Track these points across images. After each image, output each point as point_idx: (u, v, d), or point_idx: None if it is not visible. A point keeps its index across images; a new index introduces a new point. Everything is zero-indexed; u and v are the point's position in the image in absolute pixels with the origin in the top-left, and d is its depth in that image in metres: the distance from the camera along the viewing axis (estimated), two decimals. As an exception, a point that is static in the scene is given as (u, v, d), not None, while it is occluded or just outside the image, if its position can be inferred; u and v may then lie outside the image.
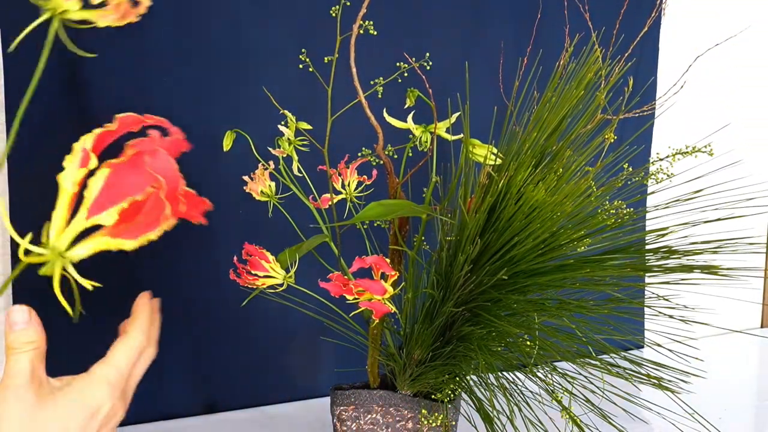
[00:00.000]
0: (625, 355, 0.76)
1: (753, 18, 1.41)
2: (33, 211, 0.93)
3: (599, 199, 0.73)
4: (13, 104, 0.90)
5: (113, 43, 0.93)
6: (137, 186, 0.37)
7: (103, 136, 0.41)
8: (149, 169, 0.37)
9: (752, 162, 1.06)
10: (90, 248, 0.43)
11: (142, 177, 0.37)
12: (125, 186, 0.37)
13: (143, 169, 0.37)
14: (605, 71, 0.73)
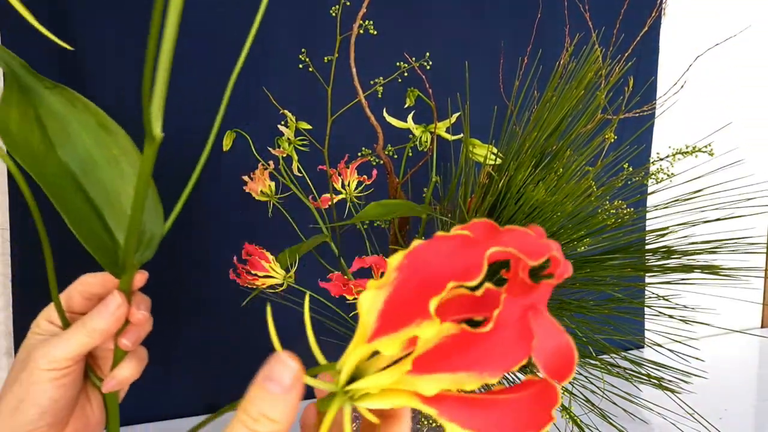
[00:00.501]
0: (626, 355, 0.76)
1: (753, 18, 1.41)
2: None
3: (599, 198, 0.73)
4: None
5: (113, 43, 0.93)
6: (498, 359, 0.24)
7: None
8: (535, 345, 0.24)
9: (753, 162, 1.06)
10: None
11: (513, 349, 0.23)
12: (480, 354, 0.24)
13: (519, 339, 0.24)
14: (605, 71, 0.73)
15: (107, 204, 0.43)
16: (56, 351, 0.41)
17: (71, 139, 0.43)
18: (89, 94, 0.95)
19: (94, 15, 0.91)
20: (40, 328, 0.45)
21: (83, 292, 0.47)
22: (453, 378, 0.24)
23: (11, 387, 0.41)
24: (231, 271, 0.76)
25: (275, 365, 0.31)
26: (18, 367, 0.41)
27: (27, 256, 0.93)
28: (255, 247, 0.75)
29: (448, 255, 0.25)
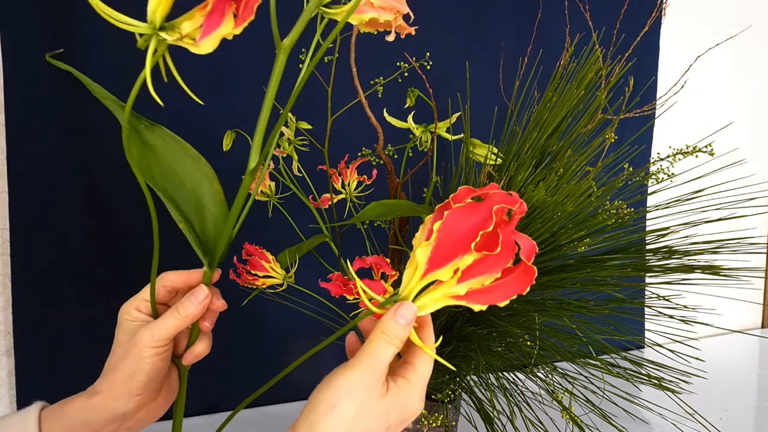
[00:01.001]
0: (626, 356, 0.76)
1: (753, 18, 1.40)
2: (33, 211, 0.94)
3: (600, 199, 0.73)
4: (14, 104, 0.90)
5: (113, 43, 0.92)
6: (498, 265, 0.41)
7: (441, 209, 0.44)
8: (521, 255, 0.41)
9: (753, 162, 1.06)
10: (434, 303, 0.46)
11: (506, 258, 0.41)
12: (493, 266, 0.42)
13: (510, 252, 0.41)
14: (606, 71, 0.73)
15: (194, 215, 0.55)
16: (158, 332, 0.52)
17: (164, 165, 0.54)
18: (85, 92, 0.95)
19: (95, 15, 0.91)
20: (131, 316, 0.54)
21: (167, 286, 0.56)
22: (477, 280, 0.43)
23: (122, 361, 0.52)
24: (231, 271, 0.76)
25: (403, 307, 0.45)
26: (122, 350, 0.53)
27: (27, 256, 0.93)
28: (255, 247, 0.75)
29: (469, 215, 0.42)
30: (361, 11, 0.47)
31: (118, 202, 0.97)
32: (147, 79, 0.41)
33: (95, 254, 0.98)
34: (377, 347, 0.44)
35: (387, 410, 0.44)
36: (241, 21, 0.39)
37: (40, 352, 0.96)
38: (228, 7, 0.38)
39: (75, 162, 0.95)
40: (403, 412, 0.45)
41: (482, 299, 0.43)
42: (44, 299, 0.96)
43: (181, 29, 0.39)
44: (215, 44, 0.39)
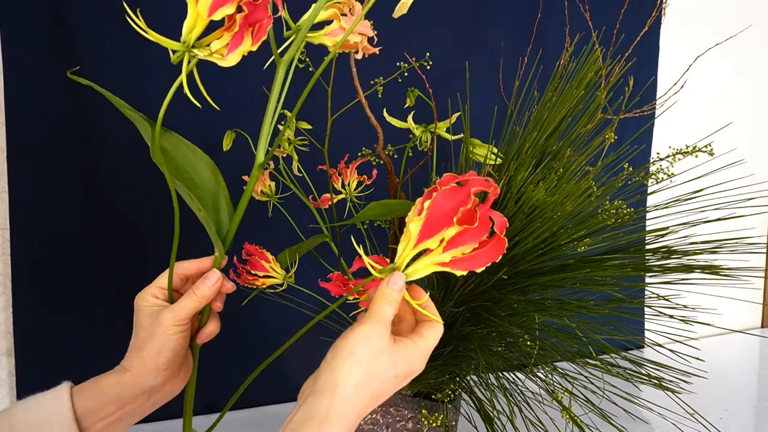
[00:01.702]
0: (626, 355, 0.76)
1: (753, 18, 1.40)
2: (33, 211, 0.94)
3: (599, 199, 0.73)
4: (14, 104, 0.90)
5: (113, 43, 0.92)
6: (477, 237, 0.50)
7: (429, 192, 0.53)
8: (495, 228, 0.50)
9: (753, 162, 1.06)
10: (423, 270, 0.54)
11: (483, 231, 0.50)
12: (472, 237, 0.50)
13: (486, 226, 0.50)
14: (605, 71, 0.73)
15: (212, 208, 0.63)
16: (179, 312, 0.59)
17: (178, 167, 0.62)
18: (85, 92, 0.95)
19: (94, 16, 0.91)
20: (149, 303, 0.61)
21: (180, 274, 0.63)
22: (459, 249, 0.51)
23: (149, 340, 0.59)
24: (231, 271, 0.76)
25: (395, 276, 0.53)
26: (146, 331, 0.60)
27: (27, 256, 0.93)
28: (255, 247, 0.75)
29: (453, 196, 0.51)
30: (335, 34, 0.56)
31: (119, 203, 0.97)
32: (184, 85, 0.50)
33: (95, 254, 0.98)
34: (380, 307, 0.52)
35: (395, 358, 0.51)
36: (257, 40, 0.49)
37: (40, 352, 0.96)
38: (247, 29, 0.49)
39: (75, 162, 0.95)
40: (408, 367, 0.52)
41: (463, 266, 0.51)
42: (44, 299, 0.96)
43: (210, 47, 0.49)
44: (239, 59, 0.49)
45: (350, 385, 0.48)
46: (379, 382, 0.50)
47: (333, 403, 0.47)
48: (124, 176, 0.97)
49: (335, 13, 0.55)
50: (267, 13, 0.48)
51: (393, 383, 0.51)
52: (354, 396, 0.48)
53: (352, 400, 0.48)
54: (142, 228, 0.99)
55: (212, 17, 0.47)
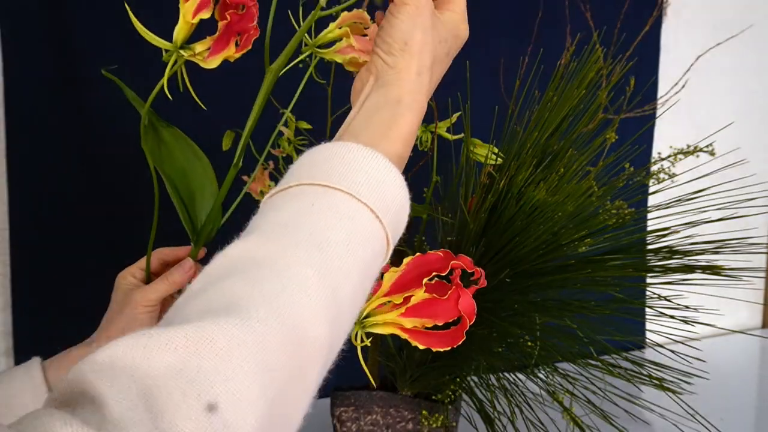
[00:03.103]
0: (627, 356, 0.75)
1: (754, 17, 1.40)
2: (33, 211, 0.93)
3: (600, 199, 0.73)
4: (14, 104, 0.90)
5: (113, 43, 0.92)
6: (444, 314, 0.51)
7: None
8: (459, 307, 0.50)
9: (754, 162, 1.06)
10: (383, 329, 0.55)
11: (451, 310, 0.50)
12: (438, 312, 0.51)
13: (455, 305, 0.50)
14: (606, 70, 0.73)
15: (190, 201, 0.66)
16: (149, 293, 0.62)
17: (173, 158, 0.66)
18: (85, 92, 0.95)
19: (94, 16, 0.91)
20: (127, 281, 0.64)
21: (160, 259, 0.67)
22: (422, 321, 0.51)
23: (117, 317, 0.62)
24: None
25: None
26: (117, 307, 0.63)
27: (27, 256, 0.93)
28: (255, 248, 0.74)
29: (434, 261, 0.51)
30: (345, 52, 0.59)
31: (119, 202, 0.97)
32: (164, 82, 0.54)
33: (95, 254, 0.98)
34: None
35: (442, 35, 0.49)
36: (241, 49, 0.53)
37: (39, 353, 0.96)
38: (233, 37, 0.52)
39: (75, 162, 0.95)
40: (456, 39, 0.51)
41: (422, 339, 0.51)
42: (44, 299, 0.96)
43: (194, 49, 0.54)
44: (218, 62, 0.53)
45: (414, 73, 0.47)
46: (436, 64, 0.49)
47: (402, 90, 0.46)
48: (125, 176, 0.97)
49: (346, 31, 0.57)
50: (252, 22, 0.51)
51: (447, 58, 0.51)
52: (421, 83, 0.47)
53: (419, 88, 0.47)
54: (143, 228, 0.99)
55: (192, 21, 0.51)
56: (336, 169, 0.41)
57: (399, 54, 0.47)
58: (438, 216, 0.76)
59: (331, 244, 0.37)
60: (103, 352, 0.30)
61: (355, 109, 0.48)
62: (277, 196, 0.41)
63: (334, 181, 0.40)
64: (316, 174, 0.41)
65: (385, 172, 0.42)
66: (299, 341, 0.33)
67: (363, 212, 0.40)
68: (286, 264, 0.35)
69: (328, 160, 0.42)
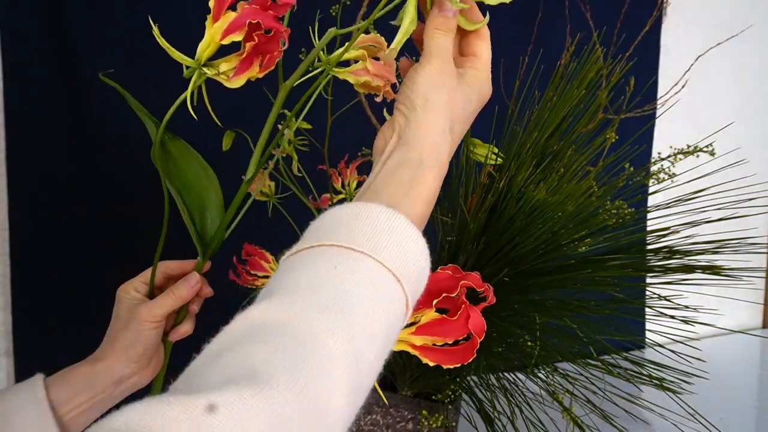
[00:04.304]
0: (627, 356, 0.75)
1: (754, 18, 1.40)
2: (33, 211, 0.93)
3: (600, 199, 0.73)
4: (14, 104, 0.90)
5: (113, 43, 0.92)
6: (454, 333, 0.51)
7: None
8: (469, 326, 0.50)
9: (754, 162, 1.05)
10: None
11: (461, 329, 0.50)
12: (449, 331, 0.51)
13: (464, 324, 0.50)
14: (606, 71, 0.73)
15: (197, 214, 0.66)
16: (155, 309, 0.61)
17: (180, 171, 0.66)
18: (85, 92, 0.95)
19: (94, 16, 0.91)
20: (130, 295, 0.63)
21: (164, 272, 0.66)
22: (432, 338, 0.51)
23: (123, 332, 0.61)
24: (231, 272, 0.76)
25: (445, 3, 0.49)
26: (122, 323, 0.62)
27: (27, 256, 0.93)
28: (255, 247, 0.75)
29: (443, 281, 0.51)
30: (359, 74, 0.58)
31: (119, 202, 0.97)
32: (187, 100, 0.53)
33: (95, 254, 0.97)
34: (438, 41, 0.49)
35: (468, 95, 0.49)
36: (265, 69, 0.52)
37: (39, 352, 0.96)
38: (257, 58, 0.52)
39: (75, 162, 0.95)
40: (480, 97, 0.51)
41: (432, 356, 0.51)
42: (44, 299, 0.96)
43: (219, 68, 0.52)
44: (243, 83, 0.52)
45: (437, 133, 0.46)
46: (460, 123, 0.49)
47: (424, 150, 0.46)
48: (125, 176, 0.97)
49: (363, 54, 0.56)
50: (278, 46, 0.51)
51: (471, 117, 0.50)
52: (443, 143, 0.47)
53: (441, 148, 0.47)
54: (143, 228, 0.99)
55: (222, 42, 0.50)
56: (359, 230, 0.40)
57: (421, 111, 0.47)
58: (438, 216, 0.76)
59: (355, 310, 0.37)
60: (119, 419, 0.28)
61: (377, 167, 0.47)
62: (299, 255, 0.41)
63: (357, 243, 0.39)
64: (339, 235, 0.40)
65: (408, 235, 0.41)
66: (320, 413, 0.33)
67: (386, 277, 0.39)
68: (309, 330, 0.35)
69: (350, 220, 0.41)
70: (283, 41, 0.51)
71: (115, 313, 0.64)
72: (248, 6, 0.49)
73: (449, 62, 0.49)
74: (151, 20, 0.52)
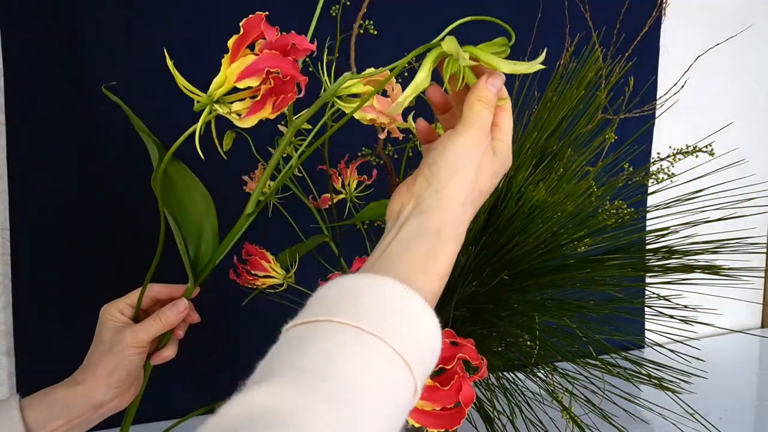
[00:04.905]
0: (626, 356, 0.75)
1: (753, 18, 1.40)
2: (33, 211, 0.93)
3: (600, 199, 0.73)
4: (14, 104, 0.90)
5: (113, 43, 0.92)
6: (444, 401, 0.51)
7: None
8: (459, 396, 0.51)
9: (754, 162, 1.06)
10: None
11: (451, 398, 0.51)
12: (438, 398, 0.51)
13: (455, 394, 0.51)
14: (606, 71, 0.73)
15: (192, 240, 0.65)
16: (141, 334, 0.60)
17: (176, 193, 0.65)
18: (86, 92, 0.95)
19: (95, 16, 0.91)
20: (114, 318, 0.62)
21: (151, 297, 0.64)
22: (421, 402, 0.50)
23: (106, 357, 0.60)
24: (231, 271, 0.76)
25: (494, 77, 0.48)
26: (105, 347, 0.60)
27: (27, 256, 0.93)
28: (255, 247, 0.75)
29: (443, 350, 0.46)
30: (365, 110, 0.58)
31: (119, 203, 0.97)
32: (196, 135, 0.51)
33: (95, 254, 0.98)
34: (480, 112, 0.47)
35: (496, 168, 0.48)
36: (277, 110, 0.50)
37: (40, 352, 0.96)
38: (270, 99, 0.50)
39: (75, 162, 0.95)
40: (504, 168, 0.49)
41: (418, 417, 0.51)
42: (44, 299, 0.96)
43: (231, 106, 0.50)
44: (254, 123, 0.50)
45: (458, 204, 0.45)
46: (480, 195, 0.47)
47: (444, 221, 0.44)
48: (125, 177, 0.97)
49: (371, 91, 0.56)
50: (293, 89, 0.50)
51: (492, 189, 0.49)
52: (463, 214, 0.45)
53: (461, 219, 0.45)
54: (142, 228, 0.99)
55: (237, 84, 0.48)
56: (369, 308, 0.37)
57: (446, 180, 0.45)
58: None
59: (360, 402, 0.34)
60: None
61: (391, 234, 0.45)
62: (304, 328, 0.38)
63: (366, 322, 0.36)
64: (347, 310, 0.37)
65: (422, 317, 0.39)
66: None
67: (396, 364, 0.36)
68: (310, 425, 0.32)
69: (360, 294, 0.38)
70: (299, 86, 0.50)
71: (97, 335, 0.62)
72: (267, 51, 0.48)
73: (487, 134, 0.47)
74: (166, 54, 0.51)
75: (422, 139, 0.54)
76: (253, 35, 0.49)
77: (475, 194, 0.46)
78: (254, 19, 0.49)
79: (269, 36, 0.49)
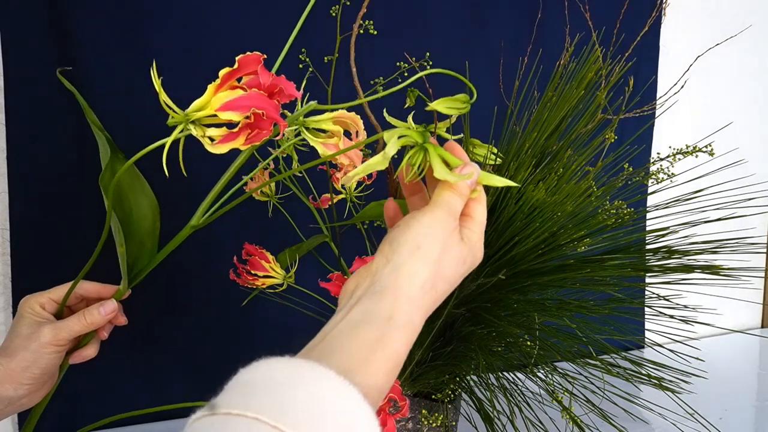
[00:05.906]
0: (626, 356, 0.76)
1: (753, 18, 1.40)
2: (33, 211, 0.93)
3: (600, 199, 0.73)
4: (14, 104, 0.90)
5: (113, 43, 0.92)
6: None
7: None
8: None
9: (753, 162, 1.06)
10: None
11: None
12: None
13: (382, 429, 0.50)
14: (606, 71, 0.73)
15: (131, 242, 0.63)
16: (62, 332, 0.58)
17: (121, 195, 0.64)
18: (86, 92, 0.95)
19: (94, 16, 0.91)
20: (35, 312, 0.59)
21: (79, 294, 0.62)
22: None
23: (22, 352, 0.57)
24: (231, 271, 0.76)
25: (469, 167, 0.47)
26: (21, 341, 0.57)
27: (27, 256, 0.93)
28: (255, 247, 0.75)
29: None
30: (329, 148, 0.59)
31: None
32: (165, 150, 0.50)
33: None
34: (450, 198, 0.46)
35: (463, 255, 0.45)
36: (249, 143, 0.50)
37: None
38: (244, 132, 0.49)
39: (75, 162, 0.95)
40: (473, 259, 0.47)
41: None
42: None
43: (206, 130, 0.50)
44: (225, 151, 0.50)
45: (416, 286, 0.41)
46: (444, 283, 0.43)
47: (397, 304, 0.40)
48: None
49: (339, 131, 0.57)
50: (270, 126, 0.49)
51: (459, 280, 0.45)
52: (420, 298, 0.41)
53: (419, 303, 0.41)
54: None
55: (218, 113, 0.48)
56: (296, 404, 0.31)
57: (407, 257, 0.42)
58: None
59: None
60: None
61: (339, 315, 0.40)
62: (210, 421, 0.30)
63: (289, 422, 0.29)
64: (269, 404, 0.30)
65: (356, 417, 0.32)
66: None
67: None
68: None
69: (289, 385, 0.32)
70: (277, 129, 0.49)
71: (13, 328, 0.59)
72: (256, 91, 0.48)
73: (455, 218, 0.45)
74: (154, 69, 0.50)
75: (388, 221, 0.52)
76: (246, 71, 0.49)
77: (438, 279, 0.42)
78: (252, 58, 0.48)
79: (264, 79, 0.48)
